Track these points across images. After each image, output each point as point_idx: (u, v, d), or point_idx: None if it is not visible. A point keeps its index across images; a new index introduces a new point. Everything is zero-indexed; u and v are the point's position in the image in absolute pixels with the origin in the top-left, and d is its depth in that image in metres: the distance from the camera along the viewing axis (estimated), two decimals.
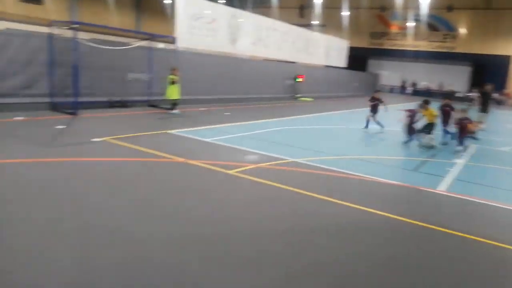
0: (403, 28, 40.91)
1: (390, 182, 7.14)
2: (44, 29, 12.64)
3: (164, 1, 38.61)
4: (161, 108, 13.93)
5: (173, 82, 12.92)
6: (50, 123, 9.54)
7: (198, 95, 17.29)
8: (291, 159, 8.19)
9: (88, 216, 4.59)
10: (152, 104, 14.17)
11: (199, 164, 7.18)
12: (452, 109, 11.71)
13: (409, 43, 41.14)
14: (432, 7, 36.39)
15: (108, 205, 4.97)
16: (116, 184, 5.81)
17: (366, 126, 13.27)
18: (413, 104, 12.63)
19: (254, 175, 6.75)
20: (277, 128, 12.19)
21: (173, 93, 13.05)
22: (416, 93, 39.36)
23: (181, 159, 7.39)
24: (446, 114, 11.73)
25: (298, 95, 24.51)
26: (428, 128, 11.11)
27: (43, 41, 11.68)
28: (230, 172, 6.87)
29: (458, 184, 7.37)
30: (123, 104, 13.52)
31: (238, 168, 7.14)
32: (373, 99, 13.43)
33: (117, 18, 35.42)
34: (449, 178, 7.68)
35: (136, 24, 38.35)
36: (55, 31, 11.36)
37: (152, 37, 13.93)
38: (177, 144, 8.90)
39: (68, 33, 11.94)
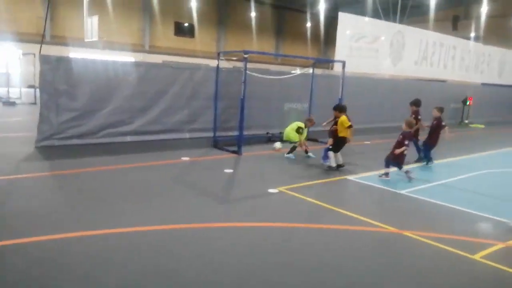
0: None
1: None
2: (195, 60, 12.30)
3: (306, 25, 38.07)
4: (321, 142, 12.31)
5: (298, 131, 9.84)
6: (216, 165, 8.60)
7: (360, 124, 15.31)
8: None
9: None
10: (311, 138, 12.65)
11: (423, 239, 5.11)
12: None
13: None
14: None
15: None
16: (315, 267, 4.12)
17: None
18: None
19: None
20: (480, 172, 9.41)
21: (296, 137, 9.94)
22: None
23: (392, 229, 5.42)
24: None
25: (467, 121, 20.65)
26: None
27: (206, 74, 11.20)
28: (476, 257, 4.64)
29: None
30: (281, 138, 12.28)
31: (482, 249, 4.86)
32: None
33: (257, 45, 35.96)
34: None
35: (275, 49, 38.51)
36: (222, 62, 10.70)
37: (316, 62, 12.52)
38: (370, 199, 6.99)
39: (224, 64, 11.26)
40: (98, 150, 9.15)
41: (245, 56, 9.07)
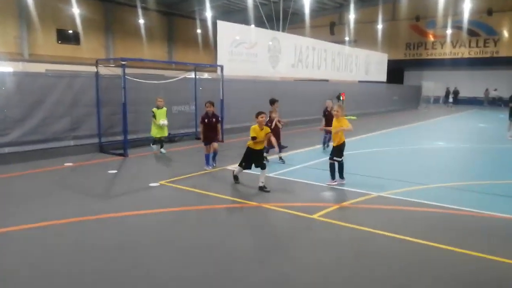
0: (441, 37, 39.20)
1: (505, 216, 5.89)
2: (82, 68, 12.25)
3: (197, 31, 38.87)
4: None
5: (154, 116, 10.82)
6: (101, 168, 8.88)
7: (242, 123, 16.51)
8: (375, 193, 7.07)
9: None
10: (199, 137, 13.42)
11: (276, 208, 6.19)
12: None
13: (449, 51, 39.33)
14: (471, 12, 34.68)
15: (184, 276, 4.03)
16: (190, 244, 4.89)
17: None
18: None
19: (343, 220, 5.69)
20: None
21: (152, 129, 10.97)
22: (458, 101, 37.38)
23: (254, 203, 6.43)
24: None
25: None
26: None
27: (87, 81, 11.27)
28: (314, 216, 5.83)
29: None
30: (170, 139, 12.85)
31: (320, 210, 6.10)
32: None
33: (149, 51, 35.77)
34: None
35: (168, 55, 38.63)
36: (101, 69, 10.89)
37: (196, 67, 13.31)
38: (240, 184, 7.97)
39: (105, 70, 11.47)
40: None
41: (123, 63, 9.48)
